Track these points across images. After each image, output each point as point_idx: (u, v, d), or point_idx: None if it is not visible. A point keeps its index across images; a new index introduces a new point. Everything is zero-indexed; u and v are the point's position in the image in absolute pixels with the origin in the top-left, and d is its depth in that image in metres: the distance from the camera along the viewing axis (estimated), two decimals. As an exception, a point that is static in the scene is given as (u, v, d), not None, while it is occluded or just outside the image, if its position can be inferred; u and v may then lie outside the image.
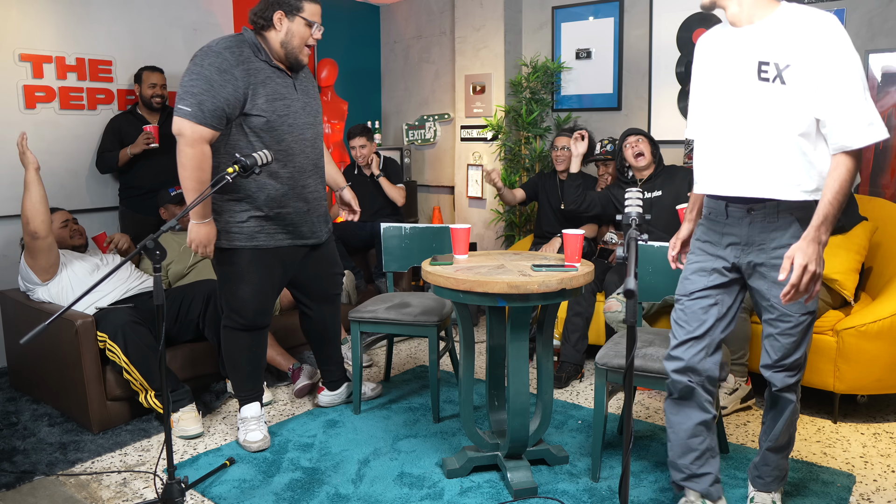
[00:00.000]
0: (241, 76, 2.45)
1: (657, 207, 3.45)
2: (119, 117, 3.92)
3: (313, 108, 2.72)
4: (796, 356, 2.02)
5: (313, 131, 2.71)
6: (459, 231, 2.53)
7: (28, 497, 2.40)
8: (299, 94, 2.65)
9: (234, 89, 2.43)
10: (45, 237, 2.92)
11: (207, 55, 2.44)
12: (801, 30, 1.80)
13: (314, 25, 2.56)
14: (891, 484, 2.43)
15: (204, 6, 4.44)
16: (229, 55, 2.44)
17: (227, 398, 3.26)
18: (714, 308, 2.07)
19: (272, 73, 2.55)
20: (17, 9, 3.62)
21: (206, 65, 2.41)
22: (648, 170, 3.52)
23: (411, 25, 5.38)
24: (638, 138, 3.51)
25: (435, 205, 5.35)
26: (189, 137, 2.41)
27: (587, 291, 3.46)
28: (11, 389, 3.39)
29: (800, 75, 1.80)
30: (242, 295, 2.66)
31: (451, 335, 3.26)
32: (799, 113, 1.83)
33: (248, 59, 2.49)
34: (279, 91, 2.56)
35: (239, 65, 2.45)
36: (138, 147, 3.77)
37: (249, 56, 2.50)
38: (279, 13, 2.52)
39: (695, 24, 4.11)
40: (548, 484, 2.44)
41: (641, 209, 1.88)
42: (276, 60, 2.57)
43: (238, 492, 2.42)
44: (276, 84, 2.56)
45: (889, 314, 2.80)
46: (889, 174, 3.56)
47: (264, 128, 2.53)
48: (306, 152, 2.68)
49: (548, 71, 4.60)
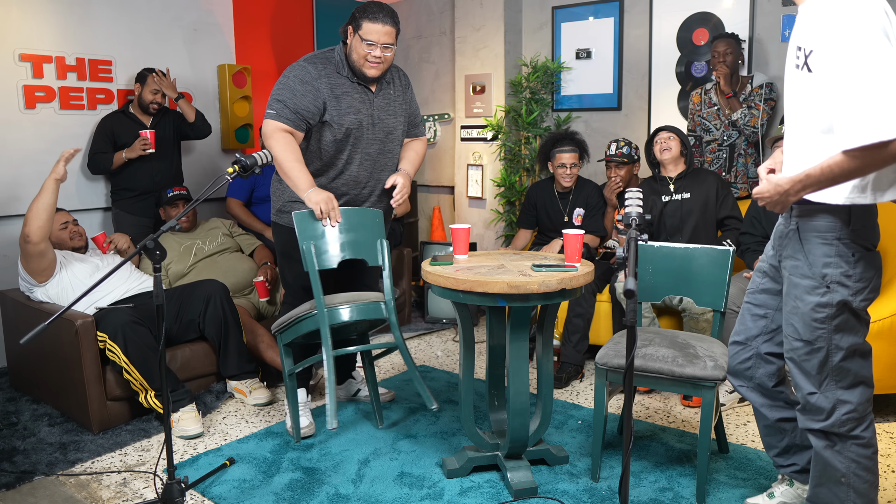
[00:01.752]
0: (323, 88, 2.65)
1: (684, 210, 3.36)
2: (111, 117, 3.87)
3: (389, 124, 2.83)
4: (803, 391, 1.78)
5: (379, 147, 2.81)
6: (459, 231, 2.52)
7: (28, 497, 2.40)
8: (376, 109, 2.77)
9: (314, 98, 2.64)
10: (37, 243, 2.91)
11: (294, 68, 2.68)
12: (828, 10, 1.58)
13: (373, 44, 2.62)
14: (891, 484, 2.43)
15: (204, 6, 4.44)
16: (312, 69, 2.66)
17: (227, 398, 3.26)
18: (762, 321, 1.98)
19: (350, 88, 2.71)
20: (17, 9, 3.62)
21: (292, 76, 2.64)
22: (677, 168, 3.41)
23: (411, 25, 5.38)
24: (669, 135, 3.39)
25: (435, 205, 5.35)
26: (271, 131, 2.61)
27: (587, 292, 3.46)
28: (11, 389, 3.39)
29: (821, 62, 1.60)
30: (293, 273, 2.86)
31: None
32: (822, 105, 1.63)
33: (330, 73, 2.68)
34: (354, 105, 2.71)
35: (320, 78, 2.65)
36: (135, 152, 3.73)
37: (332, 71, 2.69)
38: (350, 28, 2.68)
39: (695, 24, 4.11)
40: (548, 484, 2.44)
41: (642, 209, 1.89)
42: (355, 74, 2.71)
43: (238, 492, 2.42)
44: (353, 99, 2.71)
45: (889, 314, 2.80)
46: (889, 174, 3.56)
47: (334, 137, 2.71)
48: (365, 165, 2.80)
49: (548, 71, 4.60)
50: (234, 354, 3.20)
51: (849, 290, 1.72)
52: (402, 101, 2.88)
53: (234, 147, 4.60)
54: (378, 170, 2.84)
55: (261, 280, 3.60)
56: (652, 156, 3.47)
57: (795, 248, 1.79)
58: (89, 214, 4.01)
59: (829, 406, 1.76)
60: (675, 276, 2.65)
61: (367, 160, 2.79)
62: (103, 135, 3.83)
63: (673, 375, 2.32)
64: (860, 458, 1.76)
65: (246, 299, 3.66)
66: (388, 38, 2.65)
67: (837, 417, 1.75)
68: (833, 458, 1.78)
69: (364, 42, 2.62)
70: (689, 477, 2.47)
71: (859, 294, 1.74)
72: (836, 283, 1.72)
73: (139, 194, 3.88)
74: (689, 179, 3.40)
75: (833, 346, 1.75)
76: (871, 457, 1.78)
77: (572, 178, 3.76)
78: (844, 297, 1.72)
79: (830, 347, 1.75)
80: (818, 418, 1.78)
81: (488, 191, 4.78)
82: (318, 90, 2.64)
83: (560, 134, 3.84)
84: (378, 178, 2.85)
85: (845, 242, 1.71)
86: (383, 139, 2.81)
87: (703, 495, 2.29)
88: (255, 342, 3.38)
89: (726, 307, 2.56)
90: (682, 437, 2.81)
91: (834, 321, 1.74)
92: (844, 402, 1.75)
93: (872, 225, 1.75)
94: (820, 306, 1.74)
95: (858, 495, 1.78)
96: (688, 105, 3.96)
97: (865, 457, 1.77)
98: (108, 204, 4.02)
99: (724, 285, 2.56)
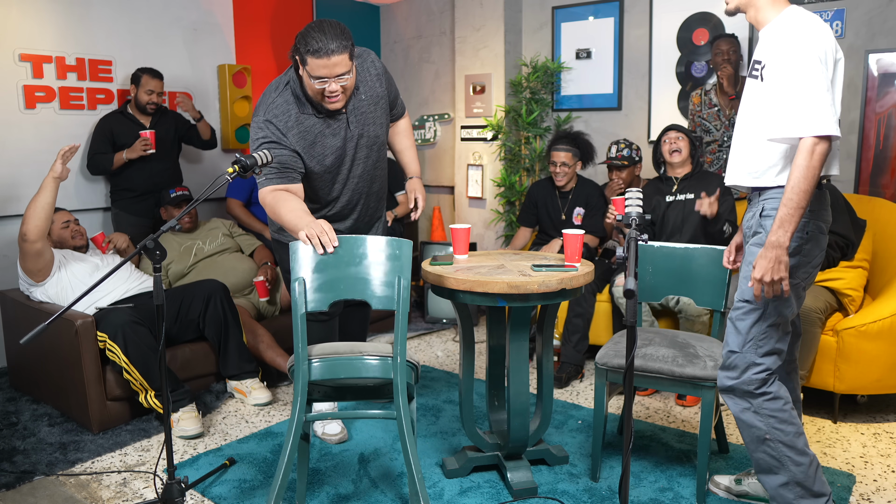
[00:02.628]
0: (294, 141, 2.45)
1: (686, 210, 3.33)
2: (110, 118, 3.85)
3: (371, 133, 2.60)
4: (728, 347, 2.03)
5: (366, 163, 2.64)
6: (459, 231, 2.52)
7: (28, 497, 2.40)
8: (352, 128, 2.54)
9: (291, 154, 2.44)
10: (34, 242, 2.91)
11: (260, 128, 2.44)
12: (782, 33, 1.91)
13: (322, 80, 2.32)
14: (891, 484, 2.43)
15: (204, 6, 4.44)
16: (276, 125, 2.43)
17: (227, 398, 3.26)
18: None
19: (321, 127, 2.48)
20: (17, 9, 3.62)
21: (260, 140, 2.42)
22: (683, 169, 3.39)
23: (411, 25, 5.38)
24: (678, 135, 3.36)
25: (435, 205, 5.35)
26: (266, 199, 2.42)
27: (587, 292, 3.45)
28: (11, 389, 3.39)
29: (770, 74, 1.92)
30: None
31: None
32: (768, 112, 1.94)
33: (296, 120, 2.45)
34: (329, 144, 2.52)
35: (289, 131, 2.44)
36: (135, 153, 3.73)
37: (296, 115, 2.45)
38: (297, 58, 2.36)
39: (695, 24, 4.11)
40: (548, 484, 2.44)
41: (641, 209, 1.89)
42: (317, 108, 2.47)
43: (238, 492, 2.42)
44: (326, 138, 2.51)
45: (889, 314, 2.80)
46: (889, 174, 3.56)
47: (320, 178, 2.57)
48: (356, 188, 2.67)
49: (548, 71, 4.60)
50: (234, 354, 3.21)
51: (793, 260, 1.93)
52: (378, 97, 2.60)
53: (234, 147, 4.60)
54: (371, 181, 2.72)
55: (261, 280, 3.60)
56: (659, 155, 3.44)
57: (758, 224, 2.01)
58: (89, 214, 4.00)
59: (744, 366, 1.99)
60: (674, 276, 2.65)
61: (359, 181, 2.67)
62: (102, 135, 3.81)
63: (673, 375, 2.32)
64: (775, 412, 1.98)
65: (246, 299, 3.66)
66: (340, 68, 2.29)
67: (747, 376, 1.99)
68: (752, 419, 2.00)
69: (314, 79, 2.31)
70: (689, 477, 2.47)
71: (800, 268, 1.96)
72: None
73: (139, 195, 3.88)
74: (693, 181, 3.37)
75: (770, 310, 1.96)
76: (783, 408, 1.98)
77: (566, 176, 3.74)
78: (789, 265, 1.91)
79: (767, 310, 1.96)
80: (732, 375, 2.01)
81: (488, 191, 4.79)
82: (291, 146, 2.44)
83: (562, 133, 3.84)
84: (373, 189, 2.75)
85: (803, 220, 1.92)
86: (368, 151, 2.63)
87: (703, 495, 2.29)
88: (255, 342, 3.38)
89: (726, 307, 2.56)
90: (682, 437, 2.81)
91: None
92: (757, 364, 1.98)
93: (825, 207, 2.00)
94: None
95: (786, 447, 1.98)
96: (688, 105, 3.96)
97: (779, 409, 1.98)
98: (108, 204, 4.02)
99: (723, 285, 2.56)
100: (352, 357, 2.13)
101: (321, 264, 2.16)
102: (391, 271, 2.17)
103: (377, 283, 2.17)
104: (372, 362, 2.11)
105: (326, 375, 2.11)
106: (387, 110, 2.68)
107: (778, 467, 2.00)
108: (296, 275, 2.14)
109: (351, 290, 2.18)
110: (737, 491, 2.31)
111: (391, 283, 2.16)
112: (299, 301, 2.11)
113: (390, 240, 2.19)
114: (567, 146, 3.73)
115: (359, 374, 2.12)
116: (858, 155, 3.63)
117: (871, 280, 3.25)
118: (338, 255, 2.17)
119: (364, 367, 2.12)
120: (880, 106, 3.54)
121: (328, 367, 2.11)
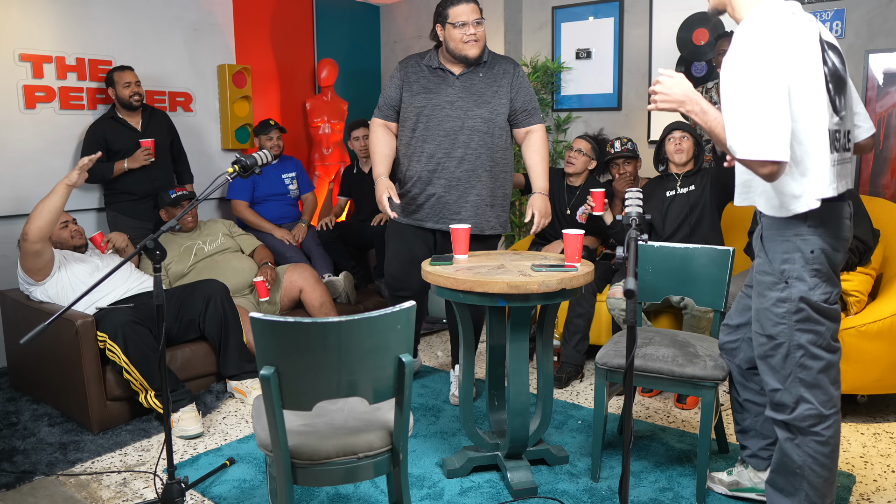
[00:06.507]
0: (400, 76, 3.05)
1: (690, 202, 3.33)
2: (101, 123, 3.79)
3: (468, 103, 2.97)
4: (769, 387, 1.89)
5: (453, 124, 2.97)
6: (459, 231, 2.52)
7: (28, 497, 2.40)
8: (457, 89, 2.97)
9: (396, 87, 3.04)
10: (34, 242, 2.90)
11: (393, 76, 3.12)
12: (735, 35, 1.75)
13: (465, 23, 2.86)
14: (891, 484, 2.43)
15: (204, 6, 4.44)
16: (400, 66, 3.08)
17: (227, 398, 3.26)
18: (749, 312, 2.07)
19: (428, 73, 3.01)
20: (17, 9, 3.62)
21: (389, 77, 3.11)
22: (685, 167, 3.39)
23: (411, 25, 5.38)
24: (684, 135, 3.35)
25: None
26: (371, 127, 3.11)
27: (587, 292, 3.46)
28: (11, 389, 3.39)
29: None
30: (386, 258, 3.24)
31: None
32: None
33: (413, 64, 3.05)
34: (425, 86, 2.99)
35: (404, 68, 3.06)
36: (138, 162, 3.69)
37: (415, 62, 3.05)
38: (437, 25, 2.96)
39: (695, 24, 4.11)
40: (548, 484, 2.44)
41: (641, 209, 1.89)
42: (445, 63, 2.99)
43: (238, 492, 2.42)
44: (427, 81, 3.00)
45: (889, 314, 2.80)
46: (889, 174, 3.56)
47: (406, 115, 3.04)
48: (439, 141, 2.99)
49: (548, 71, 4.60)
50: (234, 354, 3.21)
51: (806, 285, 1.79)
52: (498, 86, 2.99)
53: (234, 147, 4.60)
54: (454, 147, 2.97)
55: (261, 280, 3.60)
56: (662, 153, 3.43)
57: (759, 247, 1.89)
58: (85, 215, 3.98)
59: (793, 402, 1.84)
60: (675, 276, 2.65)
61: (442, 136, 2.96)
62: (95, 142, 3.72)
63: (673, 375, 2.32)
64: (816, 454, 1.84)
65: (246, 299, 3.66)
66: (476, 13, 2.88)
67: (800, 412, 1.84)
68: (792, 450, 1.87)
69: (456, 27, 2.86)
70: (689, 477, 2.47)
71: (818, 288, 1.79)
72: (795, 279, 1.80)
73: (139, 198, 3.85)
74: (696, 176, 3.38)
75: (794, 344, 1.81)
76: (828, 454, 1.85)
77: (578, 163, 3.73)
78: (803, 292, 1.79)
79: (791, 344, 1.81)
80: (783, 413, 1.88)
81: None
82: (397, 79, 3.03)
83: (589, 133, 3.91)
84: (456, 154, 2.98)
85: (804, 239, 1.78)
86: (461, 116, 2.96)
87: (703, 495, 2.29)
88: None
89: (726, 307, 2.56)
90: (682, 437, 2.82)
91: (795, 316, 1.81)
92: (806, 399, 1.83)
93: (839, 220, 1.81)
94: (780, 301, 1.83)
95: (811, 487, 1.86)
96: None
97: (822, 454, 1.84)
98: (101, 205, 3.97)
99: (724, 285, 2.56)
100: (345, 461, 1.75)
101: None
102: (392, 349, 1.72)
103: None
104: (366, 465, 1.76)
105: (311, 483, 1.75)
106: (500, 105, 3.00)
107: (791, 494, 1.91)
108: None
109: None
110: (728, 482, 2.31)
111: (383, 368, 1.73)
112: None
113: (395, 315, 1.69)
114: (589, 140, 3.80)
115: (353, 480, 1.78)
116: (858, 155, 3.62)
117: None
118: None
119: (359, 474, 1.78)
120: (880, 106, 3.54)
121: (314, 475, 1.74)
